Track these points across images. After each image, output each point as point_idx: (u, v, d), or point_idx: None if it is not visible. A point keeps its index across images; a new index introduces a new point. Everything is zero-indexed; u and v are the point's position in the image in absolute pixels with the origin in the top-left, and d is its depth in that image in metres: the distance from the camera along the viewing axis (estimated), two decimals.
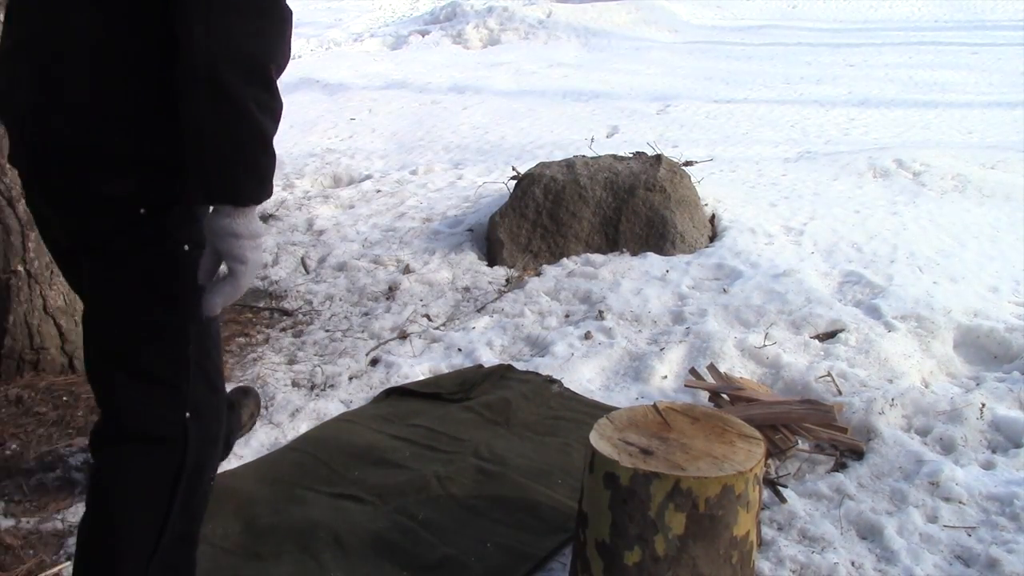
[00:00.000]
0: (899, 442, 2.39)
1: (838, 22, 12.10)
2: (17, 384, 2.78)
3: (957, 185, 4.57)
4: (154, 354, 1.57)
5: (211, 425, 1.66)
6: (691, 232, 3.82)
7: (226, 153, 1.38)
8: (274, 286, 3.69)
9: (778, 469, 2.34)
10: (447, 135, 6.29)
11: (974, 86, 7.63)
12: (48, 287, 2.82)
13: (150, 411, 1.58)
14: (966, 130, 6.10)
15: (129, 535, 1.58)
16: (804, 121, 6.47)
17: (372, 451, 2.45)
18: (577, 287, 3.49)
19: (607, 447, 1.73)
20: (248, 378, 2.89)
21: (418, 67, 9.04)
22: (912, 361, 2.88)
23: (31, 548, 2.07)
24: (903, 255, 3.64)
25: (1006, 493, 2.16)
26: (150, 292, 1.54)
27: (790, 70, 8.57)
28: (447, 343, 3.12)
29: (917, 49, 9.55)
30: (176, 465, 1.59)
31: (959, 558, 1.99)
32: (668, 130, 6.26)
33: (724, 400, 2.62)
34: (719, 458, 1.71)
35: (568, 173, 3.95)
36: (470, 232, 4.10)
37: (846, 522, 2.12)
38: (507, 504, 2.19)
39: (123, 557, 1.58)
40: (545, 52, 9.99)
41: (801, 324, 3.07)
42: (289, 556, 2.04)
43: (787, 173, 4.89)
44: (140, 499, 1.59)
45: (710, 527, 1.67)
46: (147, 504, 1.58)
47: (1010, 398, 2.63)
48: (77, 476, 2.38)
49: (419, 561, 2.00)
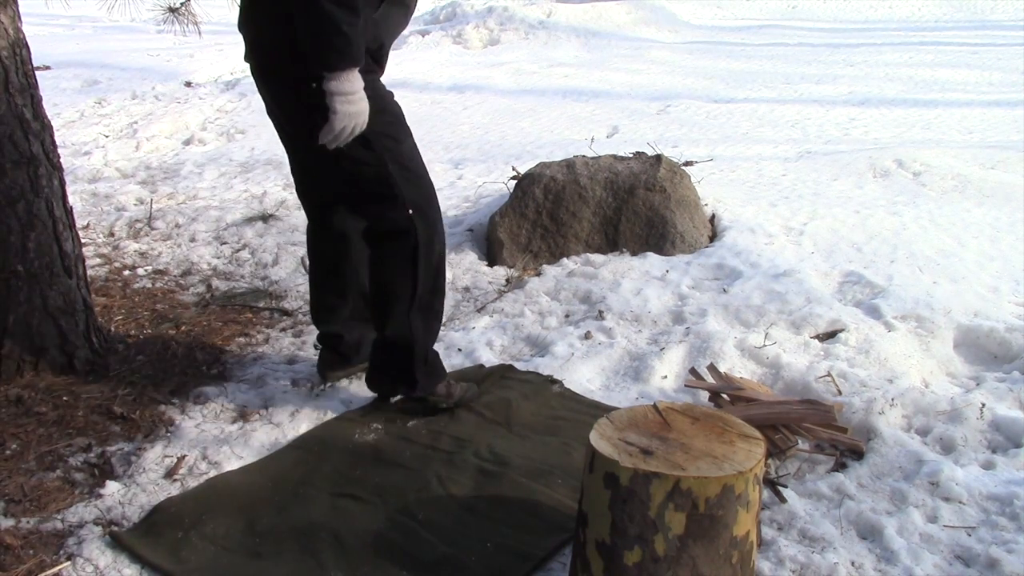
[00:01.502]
0: (899, 442, 2.39)
1: (838, 22, 12.11)
2: (17, 384, 2.78)
3: (957, 185, 4.57)
4: (369, 179, 2.35)
5: (427, 212, 2.43)
6: (691, 232, 3.82)
7: (310, 34, 2.06)
8: (274, 286, 3.69)
9: (778, 469, 2.35)
10: (447, 135, 6.30)
11: (974, 86, 7.63)
12: (48, 287, 2.82)
13: (385, 217, 2.41)
14: (966, 130, 6.10)
15: (396, 291, 2.48)
16: (804, 121, 6.47)
17: (372, 451, 2.45)
18: (577, 287, 3.49)
19: (607, 447, 1.73)
20: (248, 378, 2.89)
21: (418, 67, 9.04)
22: (912, 361, 2.88)
23: (31, 548, 2.07)
24: (903, 255, 3.64)
25: (1006, 493, 2.16)
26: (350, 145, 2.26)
27: (790, 70, 8.58)
28: (447, 343, 3.12)
29: (917, 49, 9.56)
30: (412, 247, 2.42)
31: (959, 558, 1.99)
32: (668, 130, 6.26)
33: (724, 400, 2.62)
34: (719, 458, 1.71)
35: (568, 173, 3.95)
36: (470, 232, 4.10)
37: (846, 522, 2.12)
38: (507, 504, 2.19)
39: (395, 302, 2.49)
40: (545, 52, 10.00)
41: (801, 324, 3.07)
42: (290, 555, 2.04)
43: (787, 173, 4.89)
44: (397, 271, 2.46)
45: (710, 527, 1.67)
46: (403, 273, 2.46)
47: (1010, 398, 2.63)
48: (77, 476, 2.38)
49: (419, 561, 2.00)
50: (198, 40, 3.05)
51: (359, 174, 2.36)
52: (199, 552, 2.05)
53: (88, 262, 3.60)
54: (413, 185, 2.40)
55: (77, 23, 12.42)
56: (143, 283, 3.75)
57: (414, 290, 2.47)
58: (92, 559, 2.03)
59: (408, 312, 2.49)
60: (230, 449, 2.48)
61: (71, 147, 5.91)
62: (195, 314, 3.40)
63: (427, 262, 2.46)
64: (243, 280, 3.79)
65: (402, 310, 2.50)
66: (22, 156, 2.71)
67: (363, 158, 2.32)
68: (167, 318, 3.36)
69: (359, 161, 2.33)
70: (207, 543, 2.08)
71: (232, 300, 3.55)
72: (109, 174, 5.42)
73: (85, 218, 4.53)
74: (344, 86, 2.11)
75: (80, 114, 6.91)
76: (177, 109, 7.01)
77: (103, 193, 4.99)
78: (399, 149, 2.37)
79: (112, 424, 2.62)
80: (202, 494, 2.27)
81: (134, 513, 2.21)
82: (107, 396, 2.74)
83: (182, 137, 6.44)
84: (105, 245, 4.23)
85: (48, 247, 2.80)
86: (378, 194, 2.39)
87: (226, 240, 4.25)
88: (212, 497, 2.25)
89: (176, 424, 2.61)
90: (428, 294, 2.51)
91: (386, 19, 2.33)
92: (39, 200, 2.77)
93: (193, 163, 5.68)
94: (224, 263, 3.99)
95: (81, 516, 2.20)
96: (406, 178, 2.38)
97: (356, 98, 2.15)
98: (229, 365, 3.00)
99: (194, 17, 4.75)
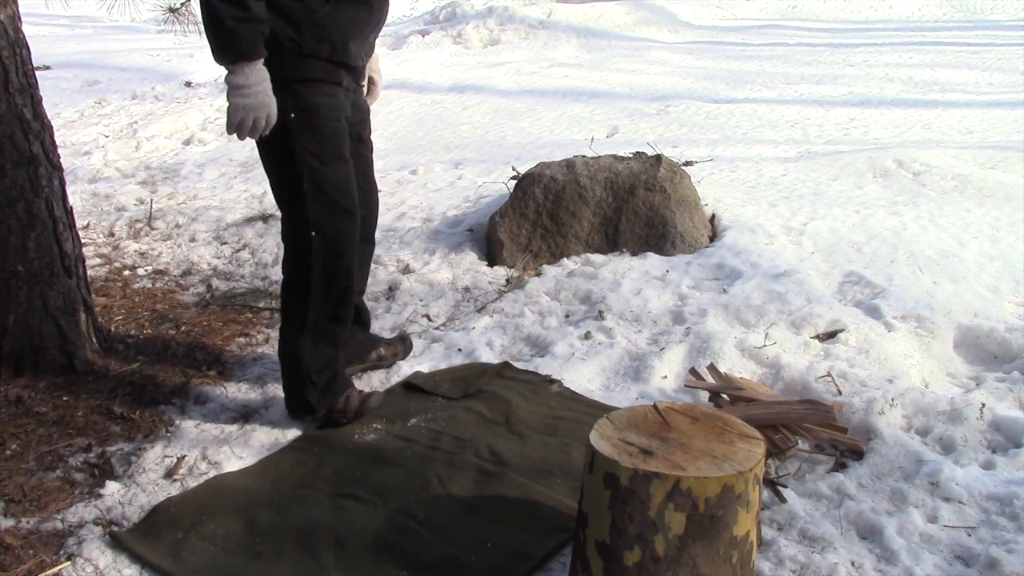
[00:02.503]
0: (899, 442, 2.39)
1: (838, 22, 12.11)
2: (17, 384, 2.78)
3: (957, 185, 4.56)
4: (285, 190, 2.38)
5: (334, 240, 2.37)
6: (691, 232, 3.82)
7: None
8: (274, 286, 3.68)
9: (778, 469, 2.34)
10: (447, 135, 6.30)
11: (974, 86, 7.63)
12: (48, 287, 2.82)
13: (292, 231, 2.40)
14: (966, 130, 6.10)
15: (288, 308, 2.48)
16: (804, 121, 6.47)
17: (373, 451, 2.46)
18: (577, 287, 3.49)
19: (607, 447, 1.73)
20: (248, 378, 2.89)
21: (418, 67, 9.04)
22: (912, 361, 2.88)
23: (31, 548, 2.07)
24: (903, 255, 3.64)
25: (1006, 493, 2.16)
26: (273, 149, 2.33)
27: (790, 70, 8.57)
28: (447, 343, 3.12)
29: (917, 49, 9.55)
30: (307, 270, 2.38)
31: (959, 558, 1.99)
32: (668, 130, 6.26)
33: (724, 400, 2.62)
34: (719, 458, 1.71)
35: (568, 173, 3.95)
36: (470, 232, 4.10)
37: (846, 522, 2.12)
38: (507, 504, 2.19)
39: (285, 318, 2.49)
40: (545, 52, 10.00)
41: (801, 324, 3.07)
42: (290, 556, 2.04)
43: (787, 173, 4.89)
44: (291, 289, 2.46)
45: (710, 527, 1.67)
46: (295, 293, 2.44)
47: (1010, 398, 2.63)
48: (77, 476, 2.38)
49: (419, 561, 2.00)
50: (198, 40, 3.05)
51: (278, 183, 2.38)
52: (199, 552, 2.05)
53: (88, 262, 3.60)
54: (326, 210, 2.35)
55: (77, 23, 12.43)
56: (143, 283, 3.75)
57: (305, 313, 2.43)
58: (92, 559, 2.03)
59: (298, 334, 2.46)
60: (230, 449, 2.48)
61: (71, 147, 5.91)
62: (195, 314, 3.40)
63: (325, 290, 2.41)
64: (243, 280, 3.79)
65: (289, 328, 2.48)
66: (22, 156, 2.71)
67: (284, 170, 2.34)
68: (167, 318, 3.36)
69: (280, 173, 2.36)
70: (207, 543, 2.08)
71: (232, 300, 3.55)
72: (109, 174, 5.42)
73: (85, 218, 4.53)
74: (237, 79, 2.14)
75: (80, 114, 6.91)
76: (177, 109, 7.01)
77: (103, 193, 4.99)
78: (322, 171, 2.32)
79: (112, 424, 2.62)
80: (202, 494, 2.27)
81: (134, 513, 2.21)
82: (107, 396, 2.74)
83: (182, 137, 6.44)
84: (105, 245, 4.23)
85: (48, 247, 2.80)
86: (290, 207, 2.39)
87: (226, 240, 4.25)
88: (212, 497, 2.25)
89: (176, 424, 2.61)
90: (326, 320, 2.47)
91: (335, 18, 2.26)
92: (39, 200, 2.77)
93: (193, 163, 5.68)
94: (224, 263, 3.99)
95: (81, 516, 2.20)
96: (320, 202, 2.34)
97: (251, 92, 2.15)
98: (229, 365, 3.00)
99: (194, 17, 4.76)
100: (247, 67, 2.14)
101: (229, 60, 2.14)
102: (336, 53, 2.30)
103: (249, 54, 2.13)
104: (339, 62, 2.33)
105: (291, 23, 2.21)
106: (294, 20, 2.21)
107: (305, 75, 2.25)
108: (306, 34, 2.23)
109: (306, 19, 2.22)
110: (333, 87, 2.34)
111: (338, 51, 2.30)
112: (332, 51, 2.29)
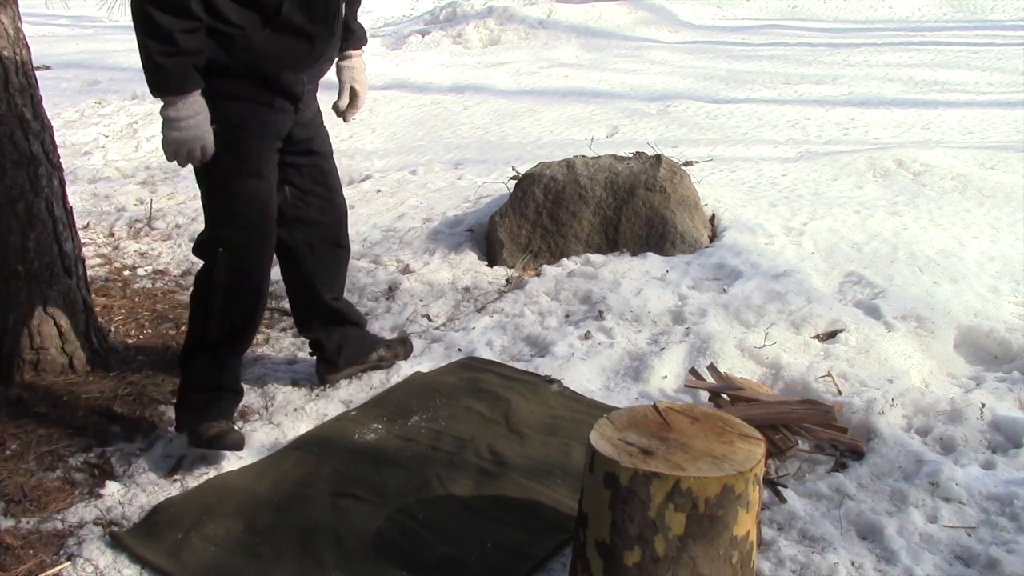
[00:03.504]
0: (899, 442, 2.39)
1: (838, 22, 12.10)
2: (17, 384, 2.78)
3: (957, 185, 4.56)
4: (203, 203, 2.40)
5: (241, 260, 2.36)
6: (691, 232, 3.82)
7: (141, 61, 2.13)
8: (274, 286, 3.68)
9: (778, 469, 2.35)
10: (447, 135, 6.29)
11: (974, 86, 7.62)
12: (48, 287, 2.82)
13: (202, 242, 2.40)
14: (966, 130, 6.09)
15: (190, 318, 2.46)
16: (804, 121, 6.46)
17: (373, 451, 2.46)
18: (577, 287, 3.49)
19: (607, 447, 1.73)
20: (248, 378, 2.89)
21: (418, 67, 9.03)
22: (912, 361, 2.88)
23: (31, 548, 2.07)
24: (903, 255, 3.64)
25: (1006, 493, 2.16)
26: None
27: (790, 70, 8.56)
28: (447, 343, 3.12)
29: (917, 49, 9.54)
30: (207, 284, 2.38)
31: (959, 558, 1.99)
32: (668, 130, 6.26)
33: (724, 400, 2.62)
34: (719, 458, 1.71)
35: (568, 173, 3.95)
36: (470, 232, 4.09)
37: (846, 522, 2.12)
38: (507, 504, 2.20)
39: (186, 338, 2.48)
40: (545, 52, 9.99)
41: (801, 324, 3.07)
42: (290, 556, 2.04)
43: (787, 173, 4.89)
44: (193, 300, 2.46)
45: (710, 527, 1.67)
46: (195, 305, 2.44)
47: (1010, 398, 2.63)
48: (77, 476, 2.38)
49: (419, 561, 2.00)
50: None
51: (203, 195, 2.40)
52: (199, 552, 2.05)
53: (88, 262, 3.59)
54: (233, 229, 2.35)
55: (77, 23, 12.42)
56: (143, 283, 3.75)
57: (202, 328, 2.41)
58: (92, 559, 2.03)
59: (191, 346, 2.45)
60: None
61: (71, 147, 5.91)
62: None
63: (223, 312, 2.39)
64: None
65: (187, 339, 2.47)
66: (22, 156, 2.71)
67: (201, 184, 2.37)
68: (167, 318, 3.36)
69: (200, 183, 2.37)
70: (207, 543, 2.08)
71: None
72: (109, 174, 5.42)
73: (85, 218, 4.53)
74: (170, 112, 2.15)
75: (80, 114, 6.90)
76: None
77: (103, 193, 4.99)
78: (232, 189, 2.32)
79: (112, 424, 2.62)
80: (202, 494, 2.27)
81: (134, 513, 2.21)
82: (107, 396, 2.74)
83: None
84: (105, 245, 4.23)
85: (48, 247, 2.80)
86: (205, 220, 2.42)
87: None
88: (212, 497, 2.25)
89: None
90: (220, 342, 2.43)
91: (271, 45, 2.22)
92: (39, 200, 2.77)
93: None
94: None
95: (81, 516, 2.20)
96: (229, 219, 2.35)
97: (183, 125, 2.16)
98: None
99: None
100: (180, 101, 2.14)
101: (160, 94, 2.14)
102: (267, 80, 2.26)
103: (180, 88, 2.13)
104: (271, 88, 2.28)
105: (223, 47, 2.18)
106: (226, 44, 2.18)
107: (231, 92, 2.23)
108: (235, 57, 2.19)
109: (238, 44, 2.18)
110: (262, 107, 2.30)
111: (269, 78, 2.27)
112: (263, 77, 2.25)
